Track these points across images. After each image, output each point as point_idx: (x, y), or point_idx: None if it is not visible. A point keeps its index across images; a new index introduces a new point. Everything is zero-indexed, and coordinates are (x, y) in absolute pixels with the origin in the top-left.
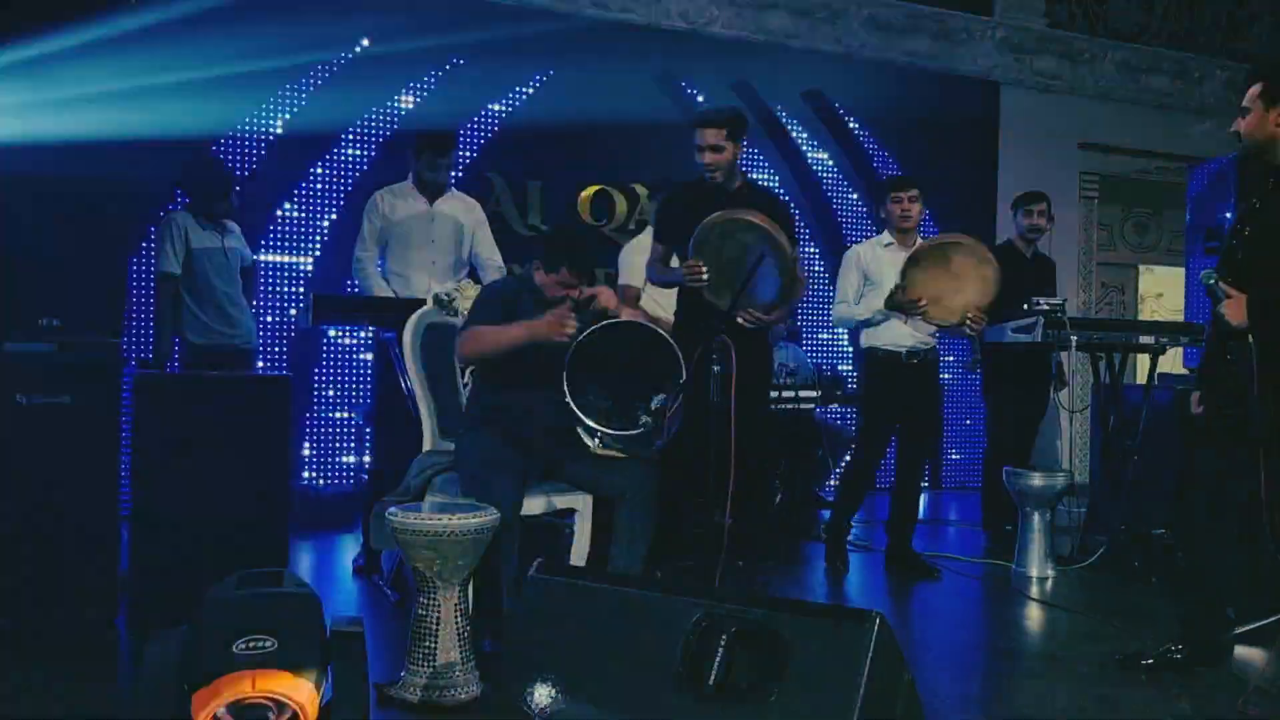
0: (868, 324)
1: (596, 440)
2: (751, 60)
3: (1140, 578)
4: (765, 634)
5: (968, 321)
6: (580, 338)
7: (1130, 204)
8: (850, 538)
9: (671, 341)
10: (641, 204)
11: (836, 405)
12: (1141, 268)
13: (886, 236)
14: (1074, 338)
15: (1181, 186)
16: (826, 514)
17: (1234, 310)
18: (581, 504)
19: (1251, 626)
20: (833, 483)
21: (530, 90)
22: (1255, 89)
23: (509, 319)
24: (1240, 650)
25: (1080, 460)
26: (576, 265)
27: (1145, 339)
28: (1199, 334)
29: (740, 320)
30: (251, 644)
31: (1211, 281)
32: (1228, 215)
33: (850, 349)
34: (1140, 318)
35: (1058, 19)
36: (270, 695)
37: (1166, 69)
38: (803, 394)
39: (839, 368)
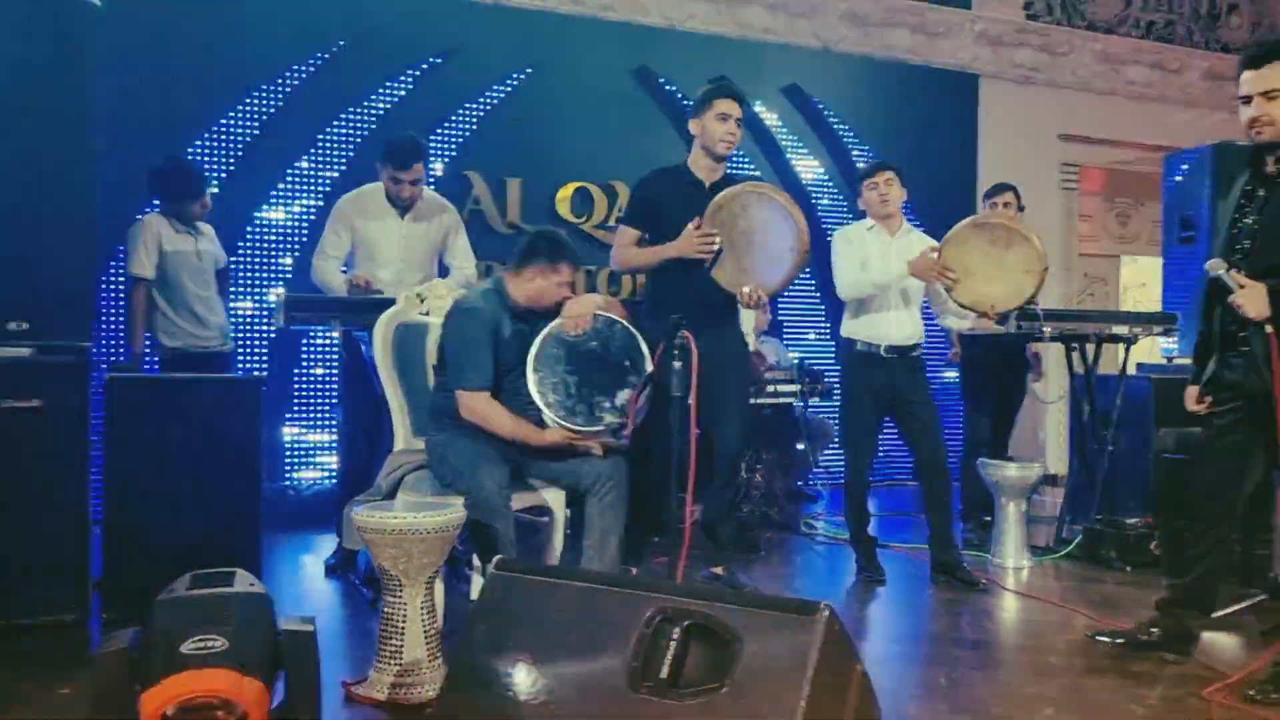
0: (870, 305)
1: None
2: (730, 56)
3: (1114, 567)
4: (717, 627)
5: (990, 311)
6: (542, 333)
7: (1110, 195)
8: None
9: (635, 332)
10: (620, 201)
11: (817, 399)
12: (1124, 258)
13: (869, 221)
14: (1046, 329)
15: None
16: (809, 507)
17: (1253, 301)
18: (554, 499)
19: (1222, 613)
20: (813, 478)
21: (509, 88)
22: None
23: (493, 346)
24: (1209, 637)
25: (1061, 451)
26: (576, 263)
27: (1118, 329)
28: (1173, 323)
29: (746, 296)
30: (200, 643)
31: (1222, 271)
32: (1205, 206)
33: (832, 344)
34: (1123, 308)
35: (1036, 11)
36: (218, 695)
37: (1145, 60)
38: (783, 388)
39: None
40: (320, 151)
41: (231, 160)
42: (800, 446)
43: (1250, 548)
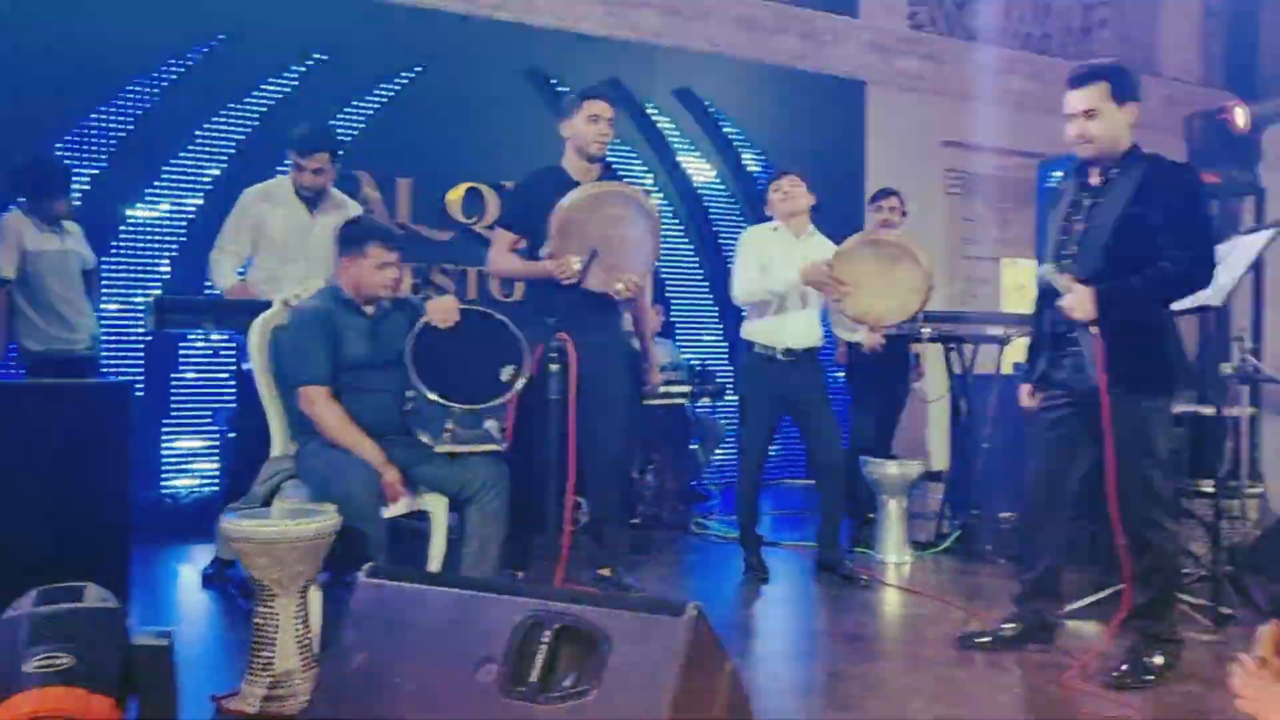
0: (769, 308)
1: (446, 435)
2: (622, 58)
3: (990, 560)
4: (587, 630)
5: (869, 321)
6: (416, 331)
7: (993, 200)
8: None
9: (513, 328)
10: None
11: (709, 400)
12: (1005, 261)
13: (775, 223)
14: (925, 330)
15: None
16: (701, 507)
17: (1080, 303)
18: (435, 505)
19: (1079, 604)
20: (706, 478)
21: (398, 86)
22: (1102, 90)
23: (333, 342)
24: (1072, 625)
25: (943, 448)
26: (385, 240)
27: (993, 330)
28: None
29: (620, 288)
30: (45, 661)
31: (1052, 275)
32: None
33: (725, 345)
34: (1005, 310)
35: (920, 21)
36: (63, 713)
37: (1022, 70)
38: (674, 389)
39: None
40: (199, 149)
41: (103, 157)
42: (693, 447)
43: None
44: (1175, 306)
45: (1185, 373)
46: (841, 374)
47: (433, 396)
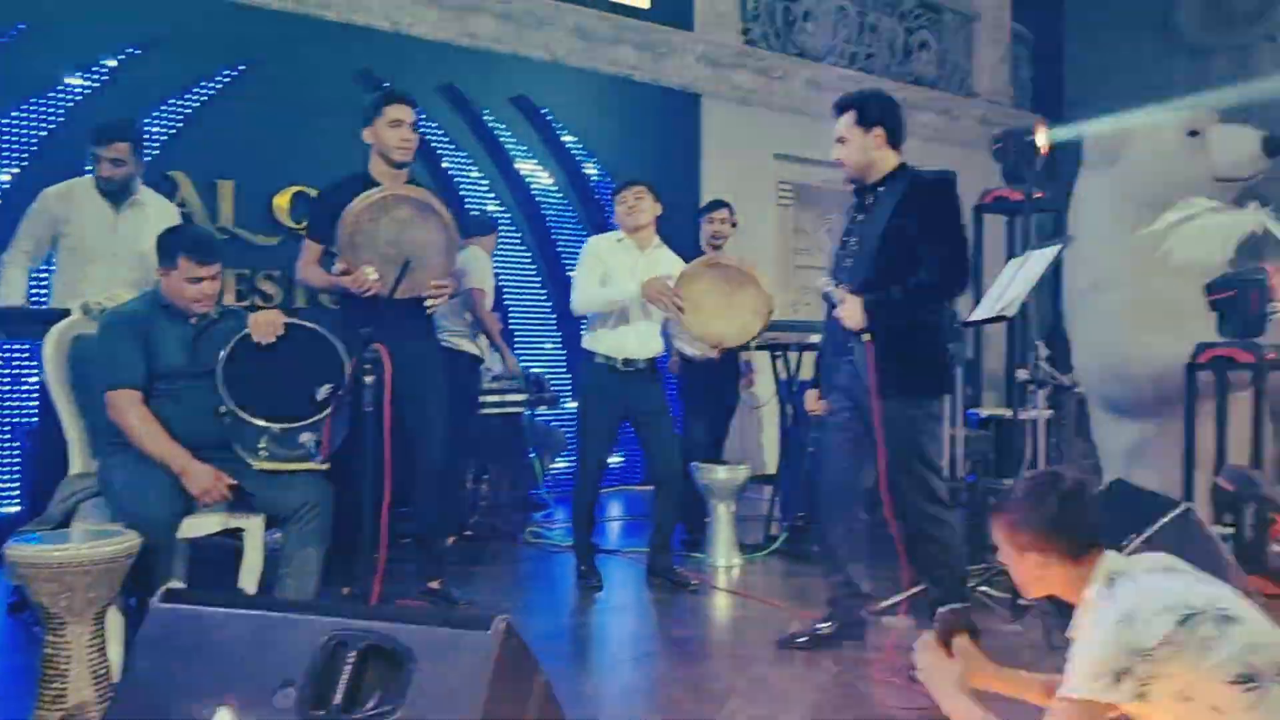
0: (610, 317)
1: (262, 453)
2: (458, 64)
3: (816, 561)
4: (392, 648)
5: (708, 347)
6: (232, 344)
7: (823, 211)
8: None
9: (336, 344)
10: None
11: (545, 408)
12: None
13: (620, 233)
14: (754, 338)
15: None
16: (537, 516)
17: (850, 313)
18: (249, 523)
19: (889, 601)
20: (544, 487)
21: (219, 84)
22: (848, 118)
23: (147, 347)
24: (886, 621)
25: (774, 452)
26: (195, 254)
27: (815, 338)
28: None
29: (435, 298)
30: None
31: (829, 287)
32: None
33: (564, 353)
34: None
35: (753, 37)
36: None
37: (849, 87)
38: (509, 397)
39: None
40: None
41: None
42: (530, 456)
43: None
44: (973, 317)
45: (950, 378)
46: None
47: (242, 414)
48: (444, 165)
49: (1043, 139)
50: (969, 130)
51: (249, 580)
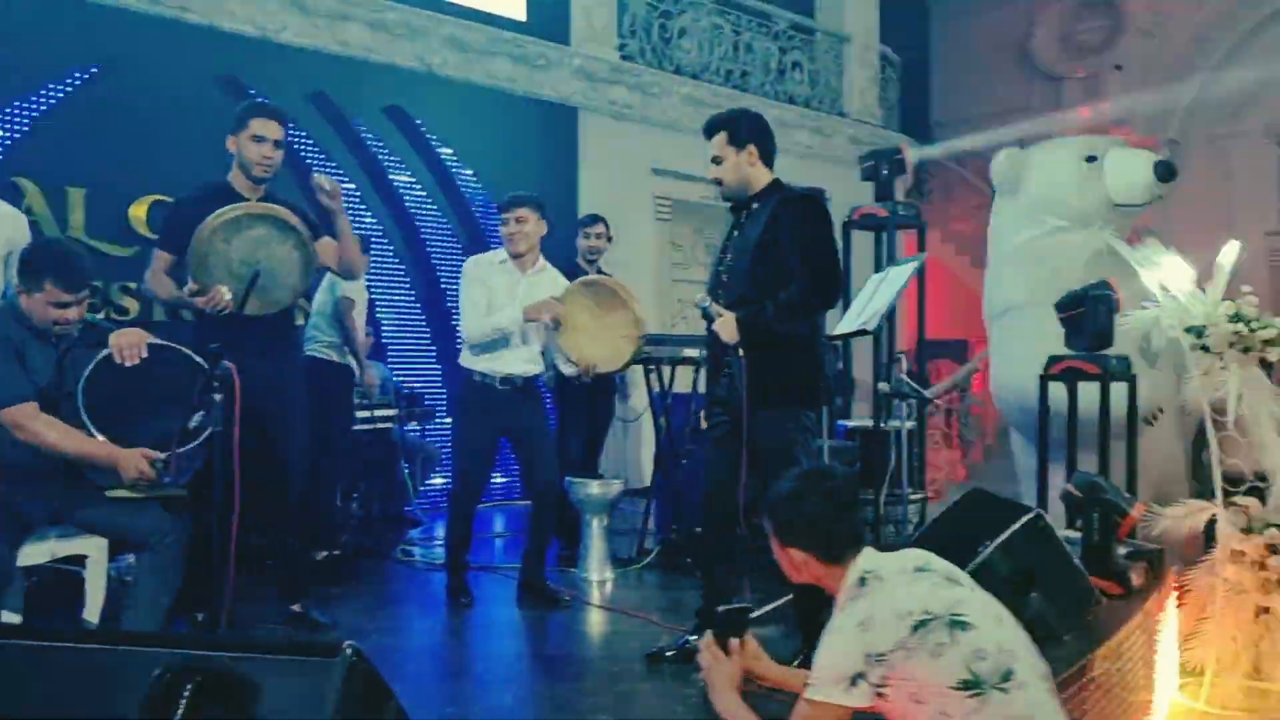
0: (495, 344)
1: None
2: (329, 72)
3: (688, 574)
4: (232, 680)
5: (582, 368)
6: (94, 364)
7: (700, 226)
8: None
9: (200, 362)
10: None
11: (417, 423)
12: None
13: (502, 253)
14: None
15: None
16: (411, 534)
17: (725, 328)
18: (94, 550)
19: (761, 611)
20: (418, 503)
21: (70, 87)
22: (721, 139)
23: (21, 363)
24: (759, 633)
25: (649, 466)
26: (64, 280)
27: (690, 352)
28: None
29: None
30: None
31: (706, 305)
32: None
33: (439, 368)
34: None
35: (629, 53)
36: None
37: (724, 104)
38: (379, 412)
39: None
40: None
41: None
42: (404, 471)
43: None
44: (837, 331)
45: (826, 391)
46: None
47: (102, 440)
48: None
49: (909, 158)
50: (840, 149)
51: (92, 610)
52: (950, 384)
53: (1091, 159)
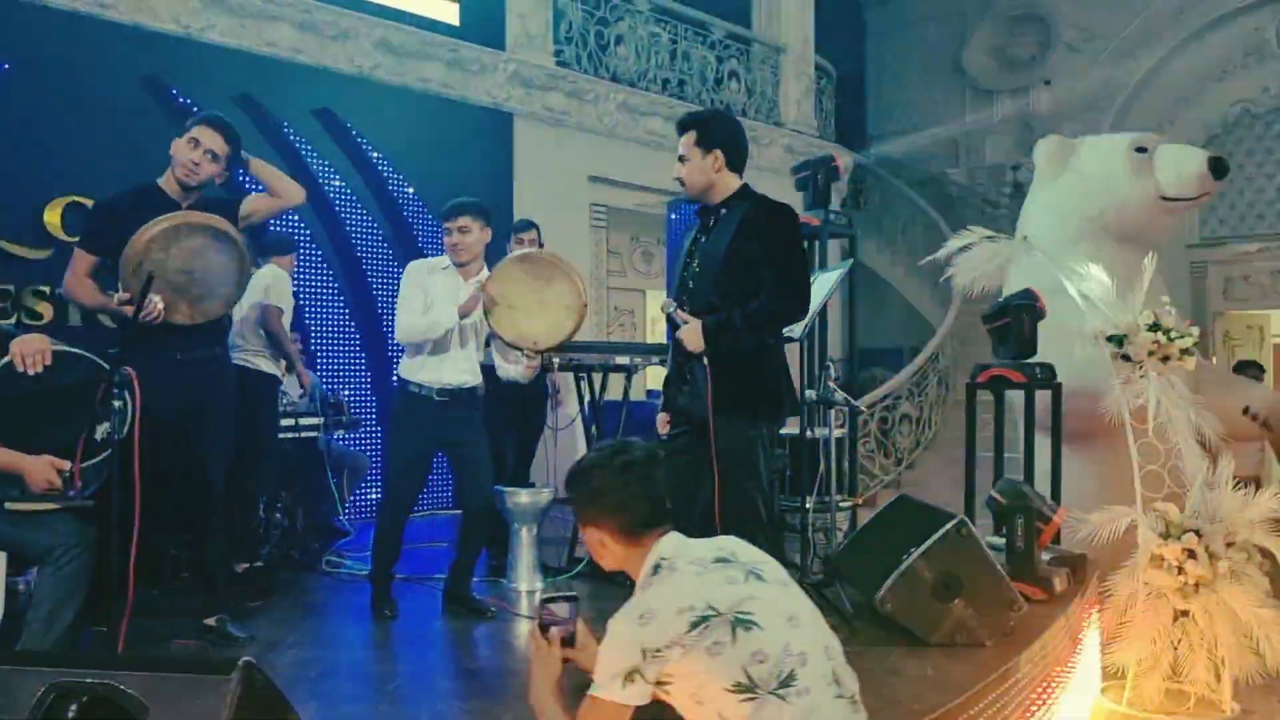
0: (427, 345)
1: (16, 491)
2: (257, 73)
3: (618, 581)
4: (119, 699)
5: (524, 349)
6: None
7: (636, 233)
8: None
9: (109, 368)
10: None
11: (343, 431)
12: (650, 292)
13: (445, 259)
14: (556, 359)
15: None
16: (338, 544)
17: (690, 336)
18: None
19: None
20: (345, 512)
21: None
22: (689, 138)
23: None
24: None
25: None
26: None
27: (621, 359)
28: (667, 353)
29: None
30: None
31: (671, 309)
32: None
33: (368, 375)
34: (650, 339)
35: (565, 59)
36: None
37: (660, 112)
38: (305, 420)
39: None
40: None
41: None
42: (330, 481)
43: None
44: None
45: (791, 401)
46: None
47: (5, 450)
48: (241, 178)
49: (843, 167)
50: (776, 158)
51: None
52: (884, 392)
53: (1142, 150)
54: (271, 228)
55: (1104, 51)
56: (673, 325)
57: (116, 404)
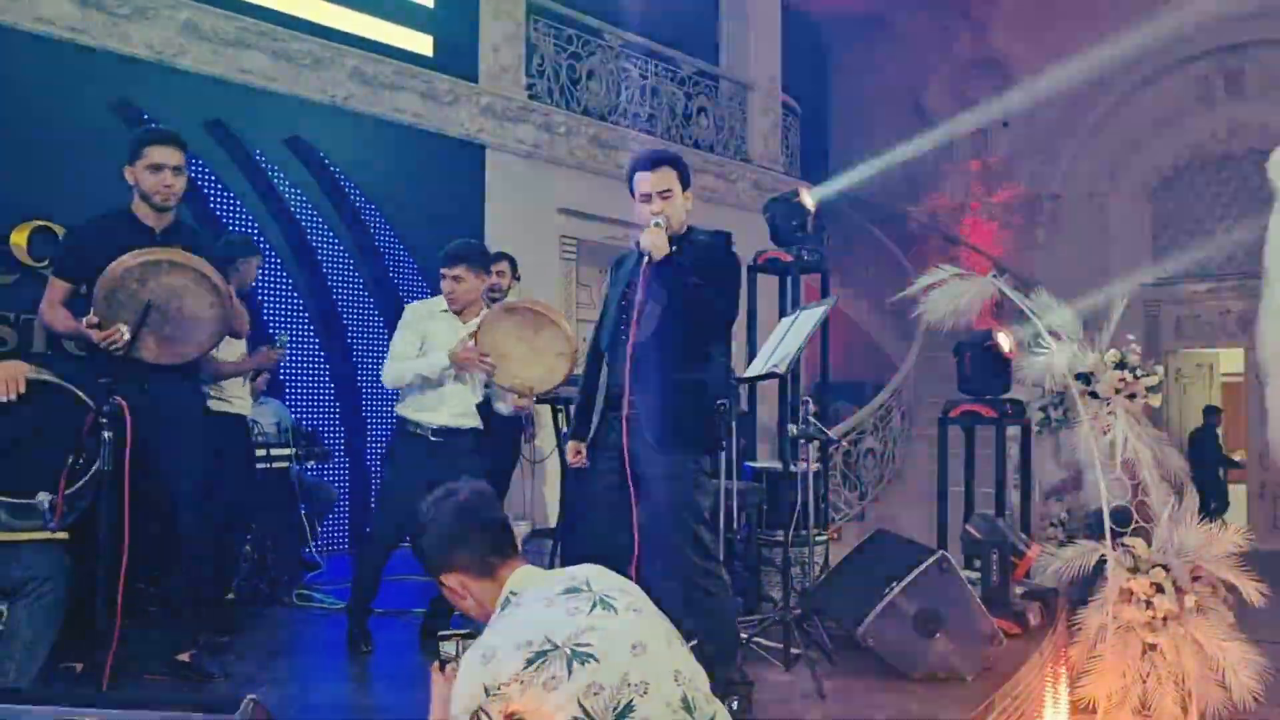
0: (425, 385)
1: None
2: (228, 100)
3: None
4: None
5: (519, 395)
6: None
7: (605, 267)
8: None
9: (86, 402)
10: None
11: (314, 463)
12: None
13: (443, 301)
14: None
15: None
16: (309, 577)
17: (656, 239)
18: None
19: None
20: (315, 545)
21: None
22: (673, 175)
23: None
24: None
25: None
26: None
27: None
28: None
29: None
30: None
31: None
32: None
33: (337, 407)
34: None
35: (537, 92)
36: None
37: (631, 147)
38: (275, 451)
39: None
40: None
41: None
42: (300, 512)
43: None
44: (748, 374)
45: (725, 433)
46: None
47: None
48: (210, 205)
49: (809, 200)
50: (744, 193)
51: None
52: (850, 426)
53: None
54: (231, 231)
55: (1059, 95)
56: (604, 356)
57: (106, 435)
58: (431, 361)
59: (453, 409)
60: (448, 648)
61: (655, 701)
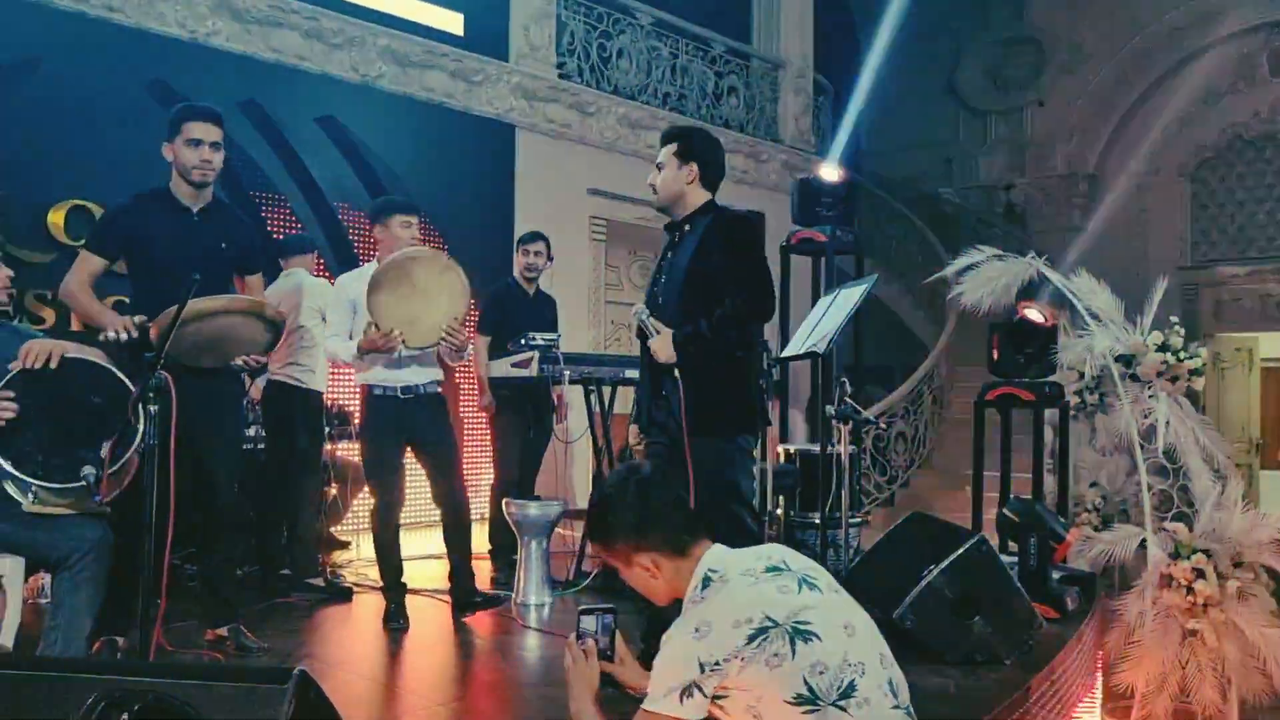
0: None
1: (30, 496)
2: (261, 79)
3: (628, 595)
4: (173, 708)
5: (444, 336)
6: (4, 382)
7: (635, 248)
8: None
9: (126, 382)
10: None
11: (348, 441)
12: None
13: (375, 264)
14: (566, 372)
15: None
16: (342, 553)
17: (662, 346)
18: (8, 569)
19: None
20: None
21: None
22: (670, 149)
23: None
24: None
25: (588, 487)
26: None
27: (631, 373)
28: None
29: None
30: None
31: (643, 317)
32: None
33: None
34: None
35: (568, 71)
36: None
37: (661, 127)
38: None
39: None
40: None
41: None
42: (332, 491)
43: None
44: (786, 353)
45: (763, 414)
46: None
47: (5, 466)
48: (243, 183)
49: (831, 175)
50: (775, 174)
51: (6, 634)
52: (883, 408)
53: None
54: (278, 233)
55: (1098, 74)
56: (644, 336)
57: (152, 409)
58: (350, 348)
59: (414, 370)
60: (587, 622)
61: (871, 682)
